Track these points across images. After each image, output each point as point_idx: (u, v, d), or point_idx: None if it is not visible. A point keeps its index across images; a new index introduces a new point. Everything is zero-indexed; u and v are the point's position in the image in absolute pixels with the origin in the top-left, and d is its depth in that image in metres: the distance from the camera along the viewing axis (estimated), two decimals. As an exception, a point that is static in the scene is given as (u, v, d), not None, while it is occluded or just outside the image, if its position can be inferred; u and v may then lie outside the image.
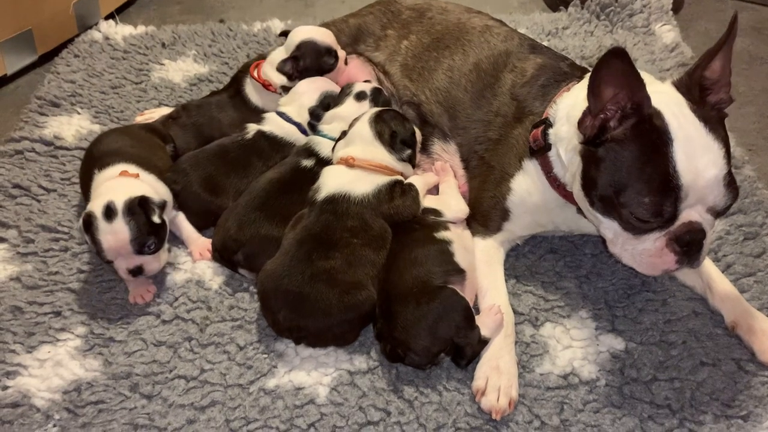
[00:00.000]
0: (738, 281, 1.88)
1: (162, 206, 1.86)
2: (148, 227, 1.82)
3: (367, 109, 2.07)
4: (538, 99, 1.89)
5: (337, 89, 2.23)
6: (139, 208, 1.81)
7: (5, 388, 1.69)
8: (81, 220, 1.82)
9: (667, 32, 2.95)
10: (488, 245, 1.90)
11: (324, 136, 2.08)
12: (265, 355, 1.75)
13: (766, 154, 2.46)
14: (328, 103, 2.18)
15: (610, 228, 1.60)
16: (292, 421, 1.61)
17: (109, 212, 1.79)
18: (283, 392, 1.67)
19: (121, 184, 1.89)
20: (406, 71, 2.24)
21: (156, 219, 1.82)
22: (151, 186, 1.93)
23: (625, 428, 1.57)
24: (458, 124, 2.06)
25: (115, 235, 1.79)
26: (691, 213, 1.50)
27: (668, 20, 3.03)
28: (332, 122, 2.10)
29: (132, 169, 1.95)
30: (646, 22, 3.02)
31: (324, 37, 2.32)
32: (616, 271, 1.93)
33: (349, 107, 2.12)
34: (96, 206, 1.81)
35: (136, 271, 1.85)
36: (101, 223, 1.79)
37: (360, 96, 2.13)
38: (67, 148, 2.41)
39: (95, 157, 2.04)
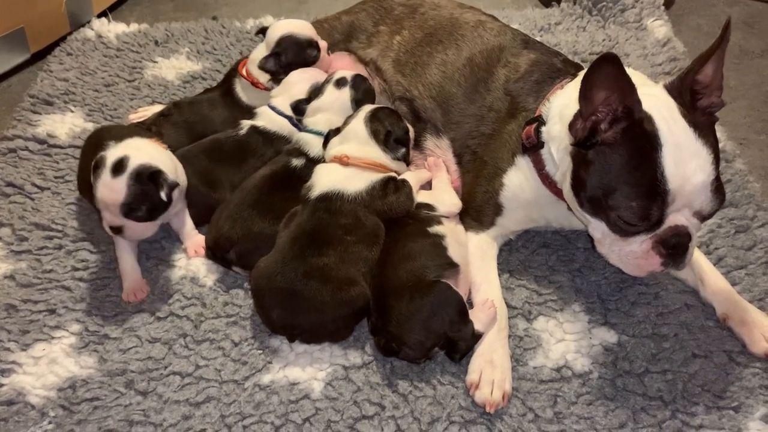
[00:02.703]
0: (729, 274, 1.89)
1: (172, 186, 1.83)
2: (145, 198, 1.79)
3: (347, 95, 2.06)
4: (531, 95, 1.90)
5: None
6: (149, 180, 1.78)
7: (0, 385, 1.69)
8: (93, 162, 1.80)
9: (659, 27, 2.96)
10: (481, 240, 1.90)
11: (310, 131, 2.06)
12: (260, 351, 1.76)
13: (756, 148, 2.47)
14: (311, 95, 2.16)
15: (598, 228, 1.62)
16: (287, 416, 1.61)
17: (118, 167, 1.78)
18: (278, 387, 1.67)
19: (146, 146, 1.89)
20: (398, 67, 2.24)
21: (162, 196, 1.79)
22: (173, 164, 1.92)
23: (617, 420, 1.59)
24: (451, 119, 2.07)
25: (110, 191, 1.77)
26: (677, 217, 1.51)
27: (660, 15, 3.03)
28: (315, 114, 2.08)
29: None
30: (638, 17, 3.03)
31: (303, 29, 2.31)
32: (608, 264, 1.93)
33: (329, 95, 2.10)
34: (111, 155, 1.79)
35: (116, 230, 1.84)
36: (104, 174, 1.77)
37: (340, 82, 2.11)
38: (60, 146, 2.41)
39: (104, 140, 1.96)
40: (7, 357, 1.76)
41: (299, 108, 2.14)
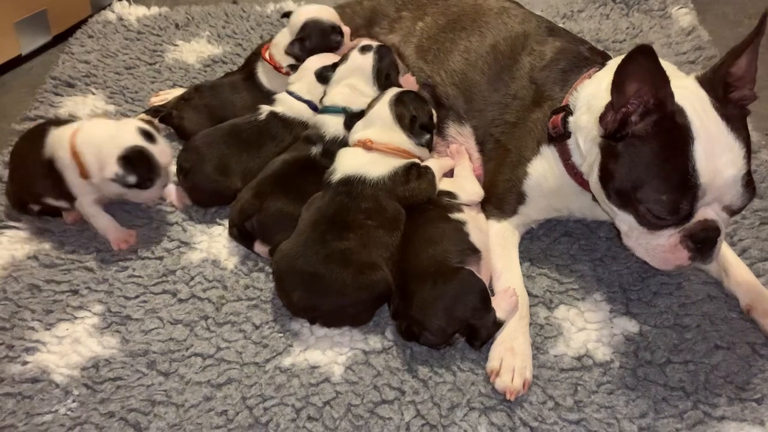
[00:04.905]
0: (753, 265, 1.87)
1: None
2: None
3: (370, 60, 2.06)
4: (557, 84, 1.88)
5: None
6: (150, 125, 1.97)
7: (25, 363, 1.72)
8: (119, 164, 1.83)
9: (684, 15, 2.92)
10: (503, 228, 1.89)
11: (326, 109, 2.06)
12: (281, 334, 1.77)
13: (782, 139, 2.44)
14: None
15: (625, 221, 1.60)
16: (307, 398, 1.62)
17: (149, 135, 1.90)
18: (298, 371, 1.68)
19: (105, 122, 1.98)
20: (421, 53, 2.23)
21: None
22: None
23: (638, 410, 1.58)
24: (474, 107, 2.05)
25: (164, 151, 1.92)
26: (707, 211, 1.50)
27: (685, 3, 3.00)
28: (338, 84, 2.08)
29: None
30: (662, 5, 2.99)
31: (328, 15, 2.31)
32: (631, 255, 1.91)
33: (353, 60, 2.09)
34: (127, 140, 1.86)
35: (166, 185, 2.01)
36: (151, 147, 1.88)
37: (365, 48, 2.09)
38: (82, 129, 2.41)
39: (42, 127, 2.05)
40: (32, 336, 1.78)
41: (324, 75, 2.13)
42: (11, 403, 1.63)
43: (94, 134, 1.91)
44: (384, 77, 2.07)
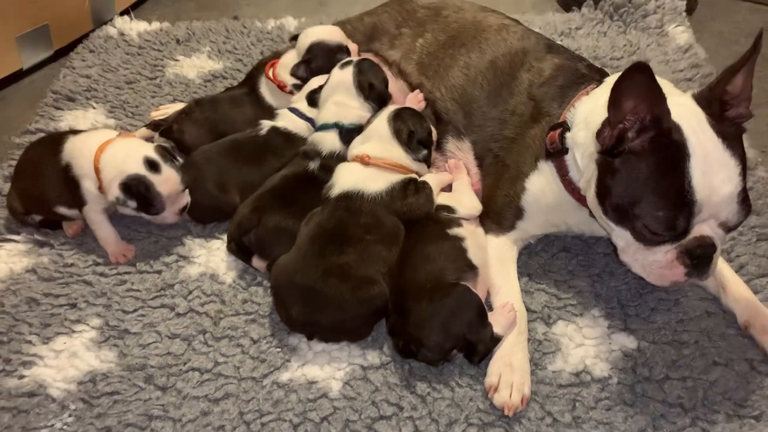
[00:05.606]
0: (751, 282, 1.87)
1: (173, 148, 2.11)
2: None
3: (350, 74, 2.07)
4: (555, 100, 1.89)
5: None
6: (166, 152, 1.99)
7: (21, 377, 1.71)
8: (120, 189, 1.88)
9: (681, 33, 2.95)
10: (501, 243, 1.90)
11: (321, 127, 2.07)
12: (279, 349, 1.76)
13: (779, 156, 2.45)
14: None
15: (621, 237, 1.61)
16: (305, 414, 1.62)
17: (153, 165, 1.92)
18: (296, 386, 1.68)
19: (125, 145, 1.97)
20: (421, 69, 2.24)
21: (179, 159, 2.04)
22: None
23: (637, 426, 1.58)
24: (473, 122, 2.06)
25: (169, 180, 1.93)
26: (703, 227, 1.51)
27: (682, 21, 3.02)
28: (325, 103, 2.10)
29: (109, 133, 2.03)
30: (659, 23, 3.02)
31: (333, 35, 2.32)
32: (629, 271, 1.92)
33: (333, 77, 2.11)
34: (130, 168, 1.89)
35: (185, 208, 2.01)
36: (152, 177, 1.91)
37: (344, 64, 2.12)
38: (82, 142, 2.42)
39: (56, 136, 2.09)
40: (29, 350, 1.77)
41: (313, 98, 2.15)
42: (7, 417, 1.62)
43: (113, 155, 1.93)
44: (368, 88, 2.07)
